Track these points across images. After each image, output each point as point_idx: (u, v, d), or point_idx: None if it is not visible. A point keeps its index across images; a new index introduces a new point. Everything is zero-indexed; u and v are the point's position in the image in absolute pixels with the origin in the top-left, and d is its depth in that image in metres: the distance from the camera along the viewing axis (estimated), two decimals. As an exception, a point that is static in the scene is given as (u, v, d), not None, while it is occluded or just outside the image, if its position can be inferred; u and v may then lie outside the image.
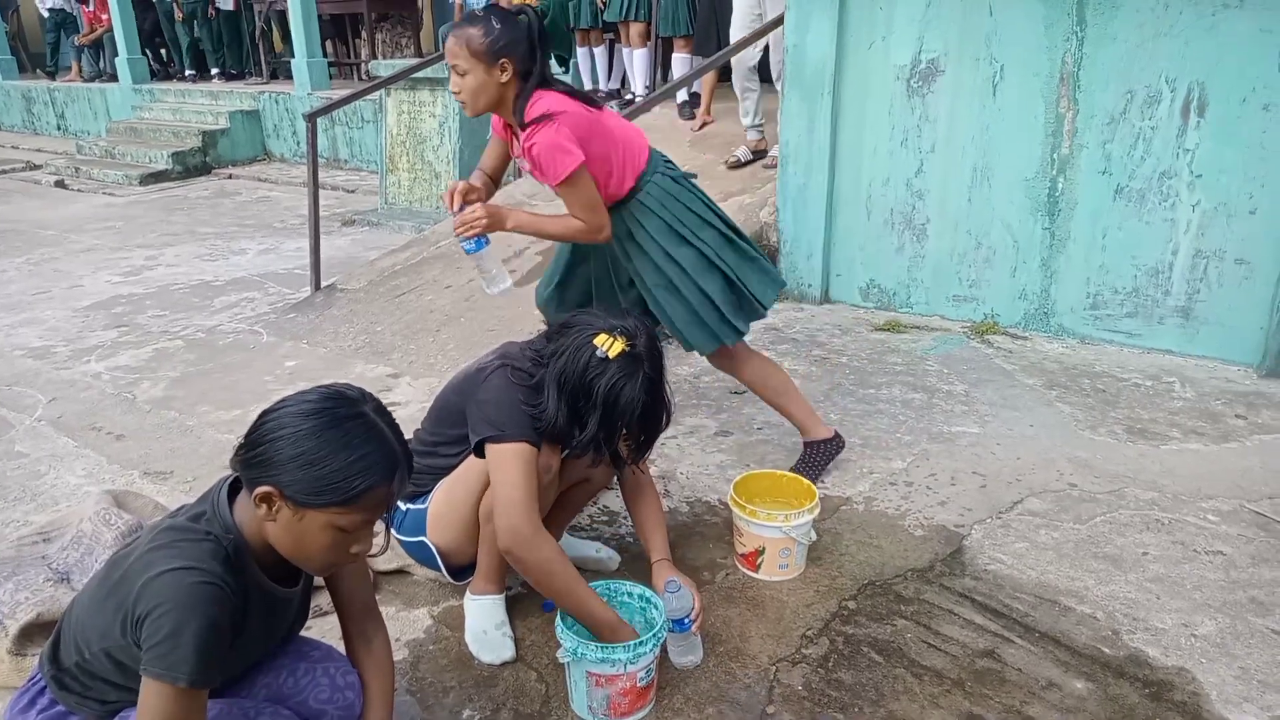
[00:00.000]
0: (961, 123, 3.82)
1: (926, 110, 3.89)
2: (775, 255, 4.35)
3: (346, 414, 1.27)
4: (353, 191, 7.59)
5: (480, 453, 1.88)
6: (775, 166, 4.63)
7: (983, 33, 3.68)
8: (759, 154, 5.08)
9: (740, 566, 2.28)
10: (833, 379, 3.43)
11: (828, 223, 4.21)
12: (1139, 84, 3.42)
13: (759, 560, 2.22)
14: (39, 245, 6.01)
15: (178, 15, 10.34)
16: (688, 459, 2.86)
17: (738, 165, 5.06)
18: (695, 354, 3.66)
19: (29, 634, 2.01)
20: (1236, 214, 3.35)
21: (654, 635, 1.75)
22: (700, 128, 5.90)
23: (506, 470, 1.82)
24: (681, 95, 6.08)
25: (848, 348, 3.75)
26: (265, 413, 1.31)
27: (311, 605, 1.83)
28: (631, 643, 1.71)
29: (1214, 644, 1.97)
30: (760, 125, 5.04)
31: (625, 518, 2.52)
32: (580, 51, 6.96)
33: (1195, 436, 2.94)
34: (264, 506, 1.27)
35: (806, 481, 2.33)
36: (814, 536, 2.25)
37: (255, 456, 1.27)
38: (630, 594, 1.94)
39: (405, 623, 2.11)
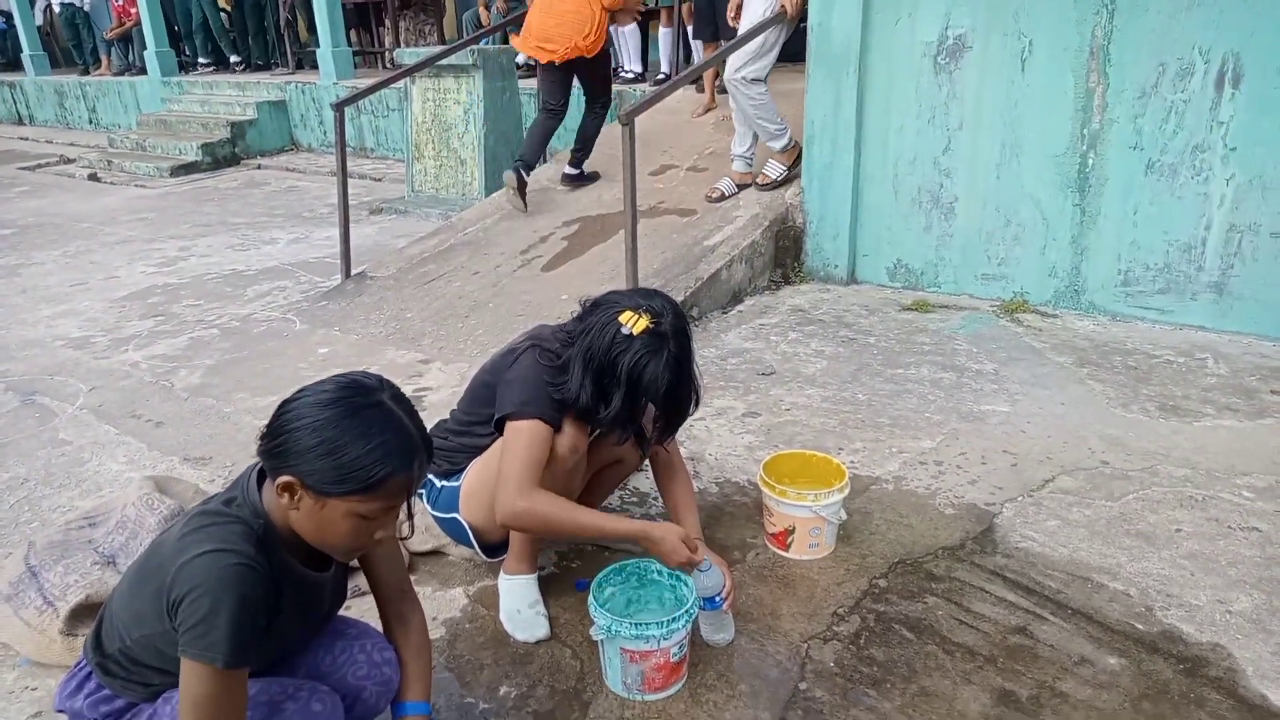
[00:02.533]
0: (990, 99, 3.78)
1: (954, 87, 3.85)
2: (801, 236, 4.34)
3: (364, 403, 1.28)
4: (379, 180, 7.64)
5: (502, 430, 1.91)
6: (770, 187, 4.50)
7: (1011, 7, 3.63)
8: (744, 187, 4.64)
9: (770, 546, 2.29)
10: (860, 359, 3.43)
11: (854, 202, 4.19)
12: (1171, 56, 3.36)
13: (789, 539, 2.24)
14: (75, 238, 6.12)
15: (224, 2, 10.44)
16: (716, 440, 2.87)
17: (720, 199, 4.62)
18: (724, 336, 3.69)
19: (79, 615, 2.08)
20: (1272, 186, 3.30)
21: (686, 612, 1.77)
22: (704, 113, 5.87)
23: (511, 446, 1.85)
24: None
25: (875, 328, 3.74)
26: (284, 403, 1.32)
27: (350, 586, 1.87)
28: (664, 619, 1.74)
29: (1250, 620, 1.96)
30: (750, 157, 4.62)
31: (655, 499, 2.54)
32: (618, 34, 6.97)
33: (1229, 413, 2.91)
34: (286, 495, 1.29)
35: (836, 461, 2.34)
36: (844, 516, 2.26)
37: (276, 446, 1.28)
38: (660, 572, 1.96)
39: (441, 602, 2.16)
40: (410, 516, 1.41)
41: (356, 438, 1.25)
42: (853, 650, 1.92)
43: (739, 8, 4.54)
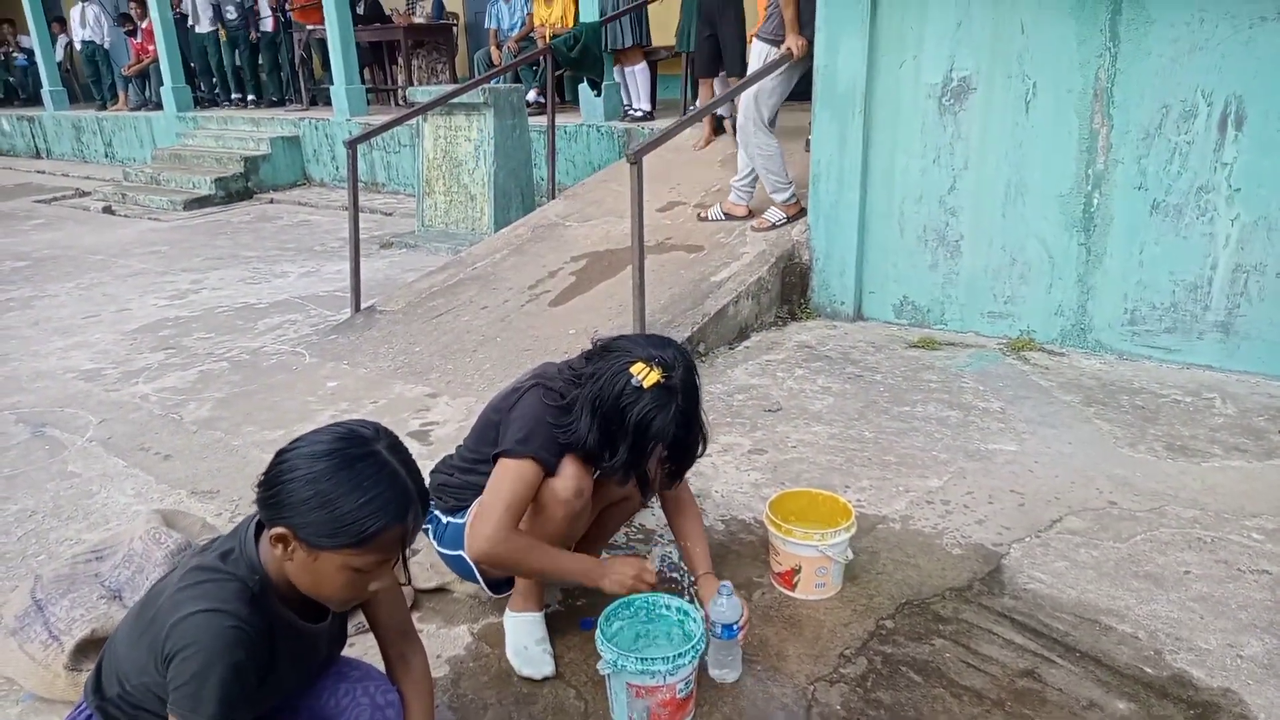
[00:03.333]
0: (994, 140, 3.81)
1: (959, 128, 3.89)
2: (808, 273, 4.36)
3: (358, 454, 1.27)
4: (390, 215, 7.72)
5: None
6: (766, 229, 4.53)
7: (1014, 50, 3.68)
8: (731, 218, 4.71)
9: (776, 585, 2.28)
10: (867, 396, 3.43)
11: (860, 240, 4.22)
12: (1174, 98, 3.40)
13: (795, 579, 2.23)
14: (88, 270, 6.19)
15: (222, 36, 10.63)
16: (722, 477, 2.87)
17: (705, 221, 4.77)
18: (731, 372, 3.70)
19: (84, 650, 2.07)
20: (1277, 227, 3.31)
21: (693, 648, 1.76)
22: (704, 145, 5.94)
23: (496, 484, 1.87)
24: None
25: (882, 365, 3.75)
26: (280, 452, 1.32)
27: (352, 624, 1.87)
28: (671, 654, 1.73)
29: (1261, 665, 1.94)
30: (745, 190, 4.69)
31: (661, 535, 2.54)
32: (621, 72, 7.07)
33: (1237, 453, 2.90)
34: (280, 547, 1.28)
35: (843, 500, 2.33)
36: (850, 555, 2.26)
37: (271, 497, 1.28)
38: (668, 606, 1.95)
39: (445, 640, 2.15)
40: (405, 566, 1.40)
41: (350, 490, 1.24)
42: (859, 693, 1.91)
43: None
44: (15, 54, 14.70)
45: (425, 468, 3.04)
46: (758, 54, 4.48)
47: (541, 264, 4.86)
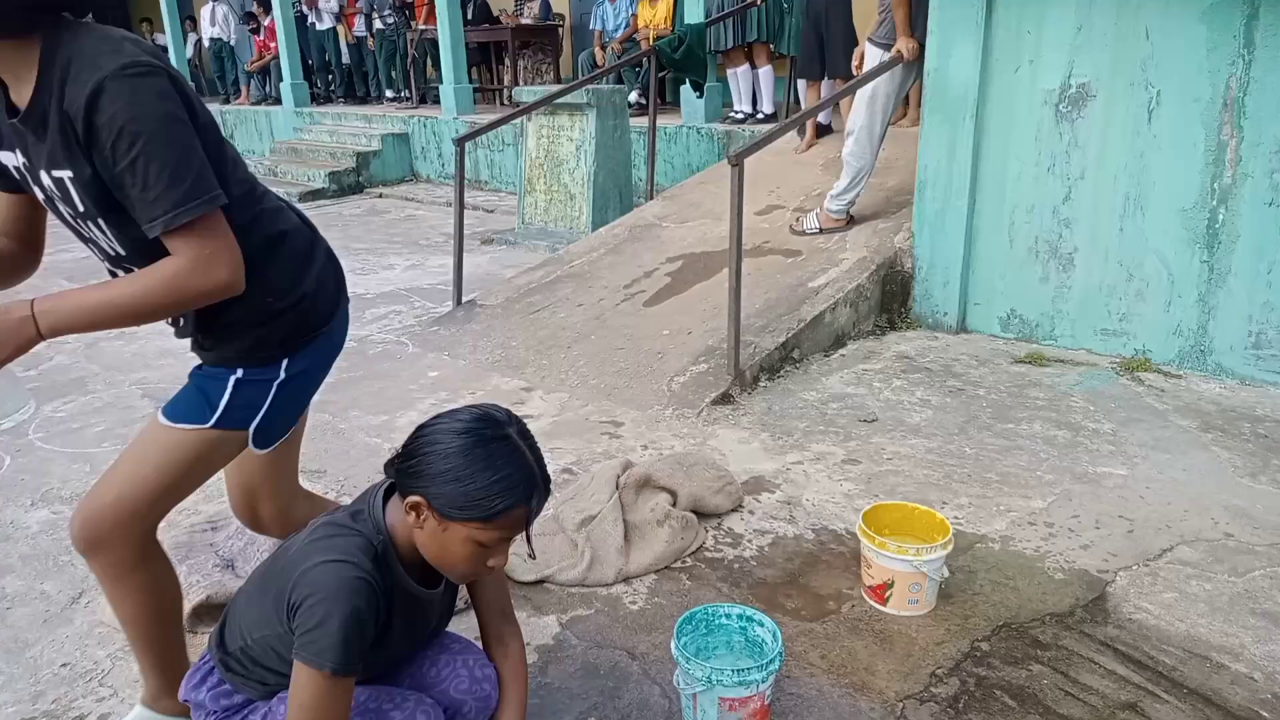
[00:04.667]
0: (1114, 149, 3.66)
1: (1076, 136, 3.75)
2: (910, 281, 4.27)
3: (492, 435, 1.34)
4: (492, 211, 7.90)
5: None
6: (797, 231, 4.57)
7: (1138, 57, 3.53)
8: (827, 231, 4.61)
9: (867, 598, 2.25)
10: (969, 411, 3.34)
11: (966, 250, 4.10)
12: (1317, 110, 3.20)
13: (887, 593, 2.19)
14: (211, 256, 6.53)
15: (349, 38, 11.09)
16: (814, 485, 2.84)
17: (800, 234, 4.68)
18: (825, 380, 3.65)
19: (199, 614, 2.20)
20: None
21: (779, 653, 1.76)
22: (806, 149, 5.88)
23: None
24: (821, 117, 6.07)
25: (985, 379, 3.64)
26: (422, 426, 1.40)
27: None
28: (763, 660, 1.73)
29: (1393, 718, 1.82)
30: (850, 206, 4.58)
31: (750, 540, 2.53)
32: (729, 72, 7.08)
33: (1375, 491, 2.71)
34: (413, 514, 1.36)
35: (940, 516, 2.28)
36: (946, 573, 2.21)
37: (410, 467, 1.36)
38: (729, 615, 1.94)
39: (535, 628, 2.19)
40: (529, 542, 1.46)
41: (483, 468, 1.31)
42: (950, 714, 1.87)
43: (863, 56, 4.55)
44: (151, 51, 15.62)
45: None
46: (869, 58, 4.41)
47: (637, 264, 4.90)
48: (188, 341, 1.65)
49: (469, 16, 10.07)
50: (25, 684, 2.07)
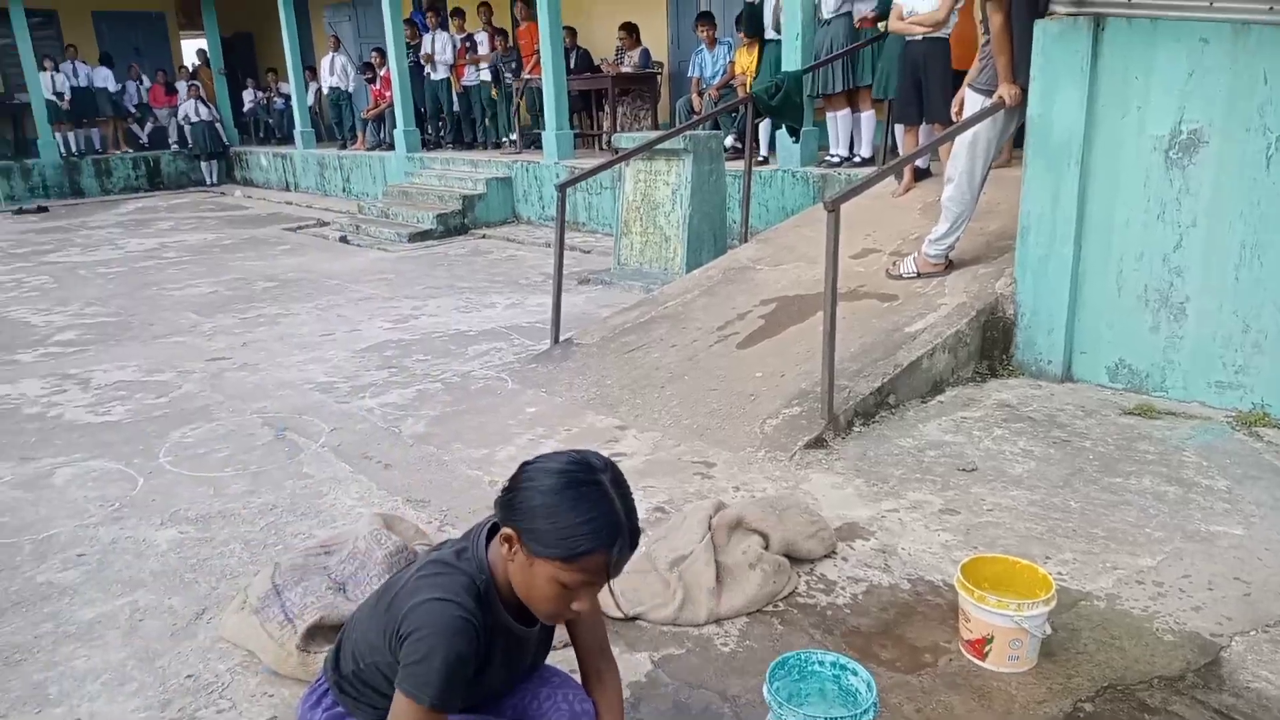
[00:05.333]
0: (1228, 196, 3.53)
1: (1187, 182, 3.63)
2: (1011, 328, 4.19)
3: (585, 479, 1.40)
4: (588, 252, 8.09)
5: None
6: (894, 275, 4.54)
7: (1255, 102, 3.41)
8: (925, 276, 4.54)
9: (965, 653, 2.21)
10: (1074, 464, 3.24)
11: (1071, 297, 4.00)
12: None
13: (986, 649, 2.15)
14: (326, 293, 6.90)
15: (457, 88, 11.62)
16: (910, 535, 2.81)
17: (897, 278, 4.62)
18: (922, 427, 3.60)
19: (313, 634, 2.32)
20: None
21: (874, 703, 1.75)
22: (904, 193, 5.84)
23: None
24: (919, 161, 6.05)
25: (1091, 431, 3.53)
26: (525, 463, 1.48)
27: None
28: (857, 711, 1.73)
29: None
30: (949, 251, 4.52)
31: (843, 588, 2.52)
32: (829, 115, 7.15)
33: None
34: (506, 546, 1.43)
35: (1043, 571, 2.23)
36: (1049, 630, 2.15)
37: (509, 500, 1.43)
38: (821, 662, 1.94)
39: (628, 664, 2.23)
40: (612, 594, 1.49)
41: (569, 509, 1.36)
42: (1052, 775, 1.81)
43: (963, 102, 4.53)
44: (275, 98, 16.69)
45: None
46: (970, 104, 4.39)
47: (731, 306, 4.95)
48: (304, 373, 1.69)
49: (571, 65, 10.41)
50: (155, 692, 2.22)
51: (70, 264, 8.77)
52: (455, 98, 12.00)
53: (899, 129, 6.30)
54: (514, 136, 11.07)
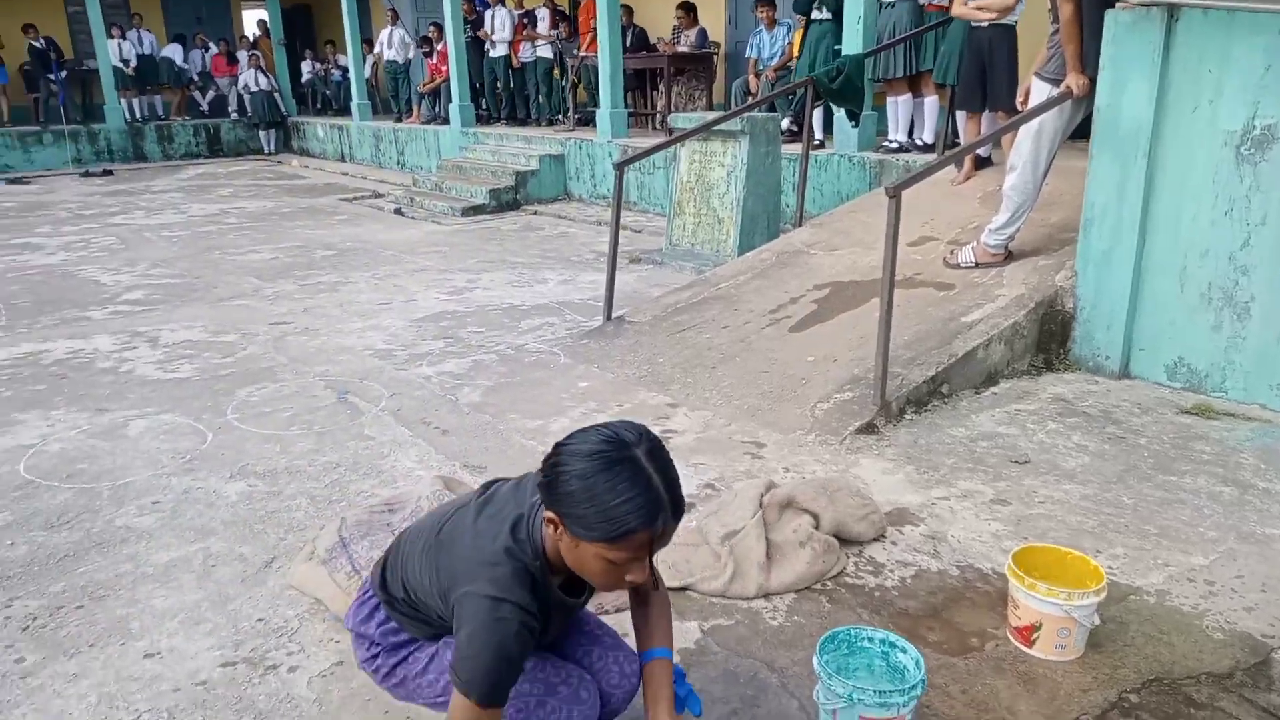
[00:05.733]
0: (1305, 195, 3.46)
1: (1258, 180, 3.56)
2: (1070, 322, 4.15)
3: (619, 457, 1.36)
4: (639, 231, 8.13)
5: None
6: (952, 265, 4.50)
7: (1340, 99, 3.33)
8: (983, 266, 4.52)
9: (1012, 639, 2.24)
10: (1128, 460, 3.23)
11: (1133, 292, 3.96)
12: None
13: (1034, 636, 2.17)
14: (382, 263, 7.04)
15: (514, 64, 11.70)
16: (960, 522, 2.83)
17: (955, 266, 4.61)
18: (975, 417, 3.61)
19: (376, 587, 2.42)
20: None
21: (922, 679, 1.79)
22: (964, 180, 5.77)
23: None
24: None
25: (1147, 428, 3.50)
26: (559, 444, 1.44)
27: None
28: (906, 686, 1.77)
29: None
30: (1009, 241, 4.49)
31: (891, 569, 2.55)
32: (889, 100, 7.09)
33: None
34: (551, 528, 1.44)
35: (1094, 563, 2.24)
36: (1096, 620, 2.17)
37: (548, 483, 1.42)
38: (871, 639, 1.98)
39: (679, 631, 2.29)
40: (653, 570, 1.50)
41: (606, 491, 1.34)
42: (1097, 760, 1.84)
43: (1028, 92, 4.48)
44: (333, 70, 16.92)
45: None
46: (1036, 93, 4.34)
47: (784, 289, 4.96)
48: (363, 339, 1.72)
49: (627, 44, 10.42)
50: (228, 632, 2.34)
51: (136, 226, 9.04)
52: (511, 74, 12.07)
53: (960, 116, 6.23)
54: (569, 114, 11.12)
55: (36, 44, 15.18)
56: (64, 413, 3.91)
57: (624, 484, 1.33)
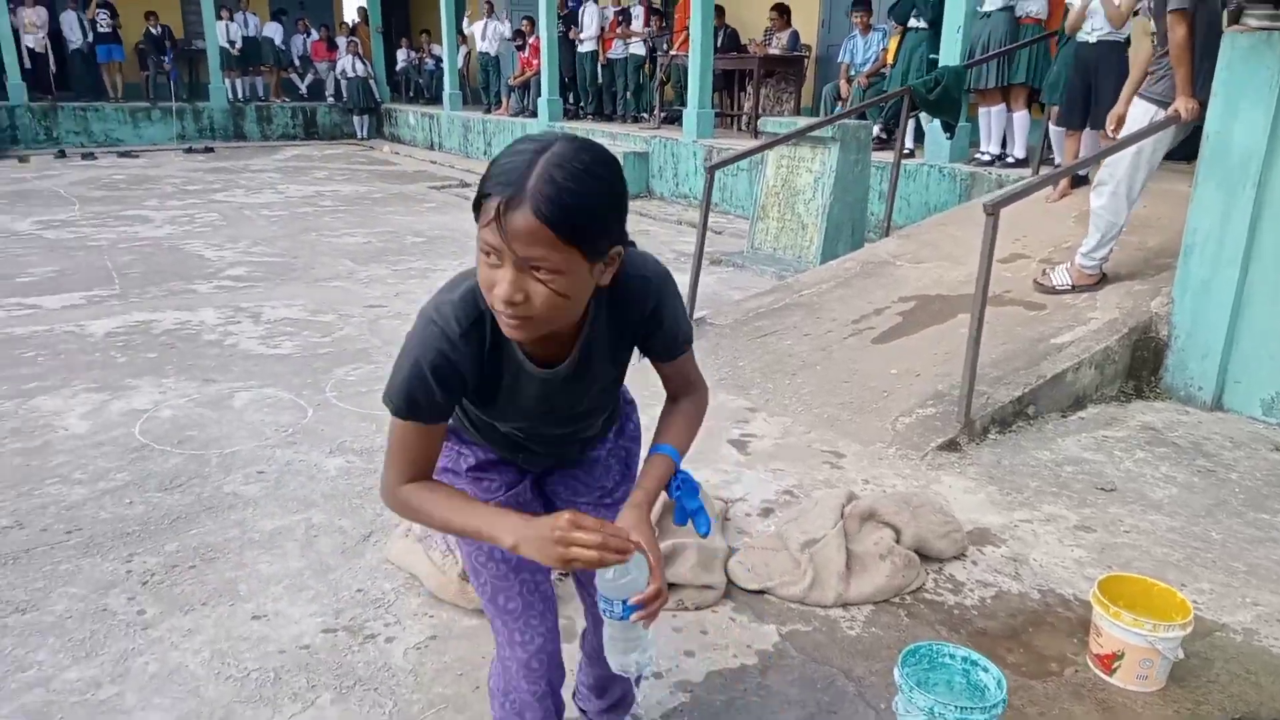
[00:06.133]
0: None
1: (1381, 214, 3.44)
2: (1163, 350, 4.06)
3: (526, 141, 1.21)
4: (719, 233, 8.16)
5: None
6: (1047, 289, 4.44)
7: None
8: (1080, 289, 4.42)
9: (1093, 666, 2.23)
10: (1218, 494, 3.16)
11: (1232, 323, 3.85)
12: None
13: (1115, 664, 2.17)
14: (469, 252, 7.18)
15: (602, 59, 11.86)
16: (1043, 547, 2.81)
17: (1050, 290, 4.48)
18: (1061, 441, 3.57)
19: (466, 568, 2.53)
20: None
21: (1003, 700, 1.81)
22: (1059, 198, 5.66)
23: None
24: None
25: (1239, 463, 3.42)
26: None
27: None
28: (987, 704, 1.79)
29: None
30: (1103, 263, 4.41)
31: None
32: (981, 111, 7.01)
33: None
34: None
35: (1181, 596, 2.23)
36: (1180, 654, 2.15)
37: None
38: (953, 655, 2.00)
39: (756, 634, 2.36)
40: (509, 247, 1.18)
41: (496, 160, 1.21)
42: (1177, 795, 1.84)
43: (1120, 119, 4.40)
44: (427, 59, 17.34)
45: (741, 477, 3.24)
46: (1142, 114, 4.25)
47: (868, 299, 4.96)
48: None
49: (718, 44, 10.44)
50: (329, 600, 2.48)
51: (236, 204, 9.44)
52: (599, 69, 12.21)
53: (1057, 131, 6.11)
54: (655, 111, 11.20)
55: (154, 30, 15.93)
56: (174, 381, 4.15)
57: (506, 156, 1.19)
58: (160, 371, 4.27)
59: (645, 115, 11.60)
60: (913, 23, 7.49)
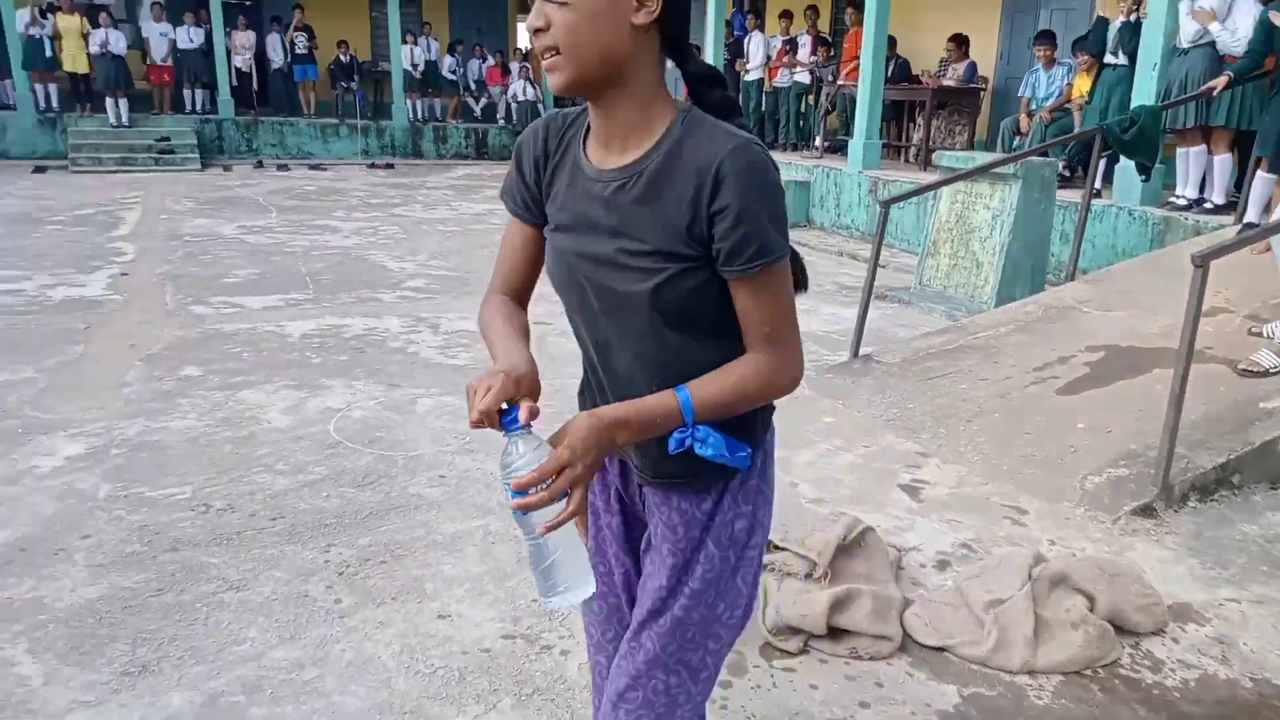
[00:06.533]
0: None
1: None
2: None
3: None
4: (884, 266, 7.88)
5: None
6: (1253, 375, 3.95)
7: None
8: None
9: (1322, 771, 2.03)
10: None
11: None
12: None
13: (1352, 774, 1.95)
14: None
15: (768, 87, 11.89)
16: (1254, 630, 2.58)
17: (1261, 374, 3.96)
18: (1271, 515, 3.27)
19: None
20: None
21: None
22: (1263, 251, 5.18)
23: None
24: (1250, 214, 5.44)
25: None
26: None
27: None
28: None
29: None
30: None
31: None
32: (1179, 152, 6.59)
33: None
34: None
35: None
36: None
37: None
38: None
39: (934, 692, 2.27)
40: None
41: None
42: None
43: None
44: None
45: (914, 525, 3.14)
46: None
47: (1050, 347, 4.71)
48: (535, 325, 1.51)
49: (888, 74, 10.26)
50: (506, 607, 2.57)
51: (415, 219, 10.01)
52: (764, 97, 12.22)
53: (1263, 179, 5.62)
54: (820, 140, 11.11)
55: (344, 58, 17.19)
56: (363, 384, 4.43)
57: None
58: (350, 374, 4.57)
59: (808, 144, 11.51)
60: (1110, 59, 7.12)
